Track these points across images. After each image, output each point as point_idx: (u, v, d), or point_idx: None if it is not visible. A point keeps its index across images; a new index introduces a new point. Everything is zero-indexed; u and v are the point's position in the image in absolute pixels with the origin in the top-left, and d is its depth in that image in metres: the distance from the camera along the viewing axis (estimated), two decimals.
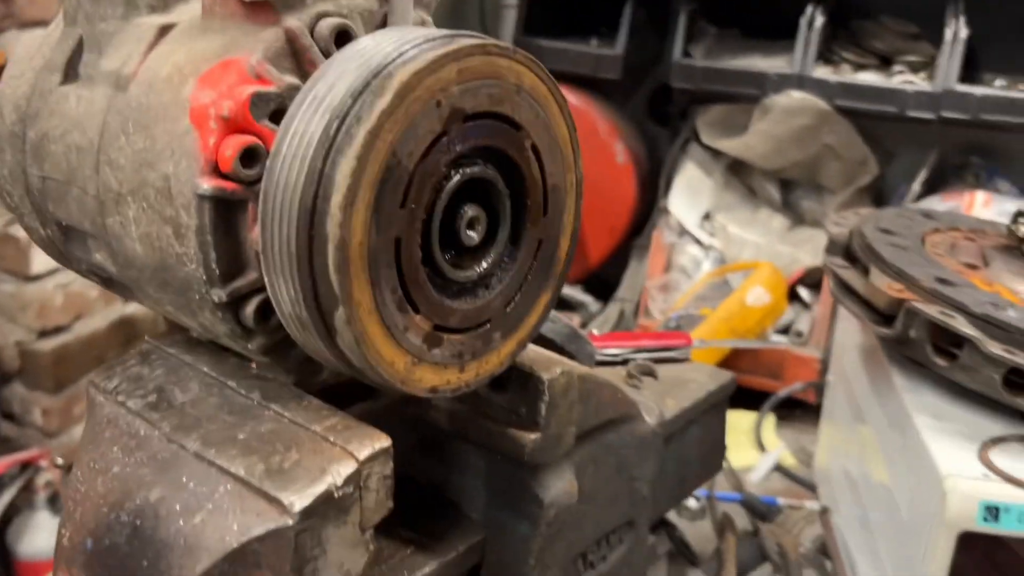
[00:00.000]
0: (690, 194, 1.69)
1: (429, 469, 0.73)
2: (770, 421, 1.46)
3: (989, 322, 0.80)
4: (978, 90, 1.51)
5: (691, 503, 1.21)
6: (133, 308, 2.61)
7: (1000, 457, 0.78)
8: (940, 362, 0.84)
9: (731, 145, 1.65)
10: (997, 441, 0.80)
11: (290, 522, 0.47)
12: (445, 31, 0.51)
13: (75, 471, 0.57)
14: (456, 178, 0.52)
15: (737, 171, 1.75)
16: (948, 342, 0.83)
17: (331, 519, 0.49)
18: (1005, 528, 0.75)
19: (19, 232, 2.22)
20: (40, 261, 2.29)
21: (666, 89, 1.86)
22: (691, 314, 1.42)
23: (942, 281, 0.86)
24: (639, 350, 1.05)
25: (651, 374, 1.00)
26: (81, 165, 0.58)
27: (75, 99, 0.59)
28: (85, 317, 2.44)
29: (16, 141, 0.63)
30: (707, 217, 1.70)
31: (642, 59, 1.77)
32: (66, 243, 0.64)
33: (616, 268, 1.79)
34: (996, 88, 1.58)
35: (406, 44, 0.49)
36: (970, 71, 1.58)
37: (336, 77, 0.48)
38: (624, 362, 1.02)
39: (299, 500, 0.48)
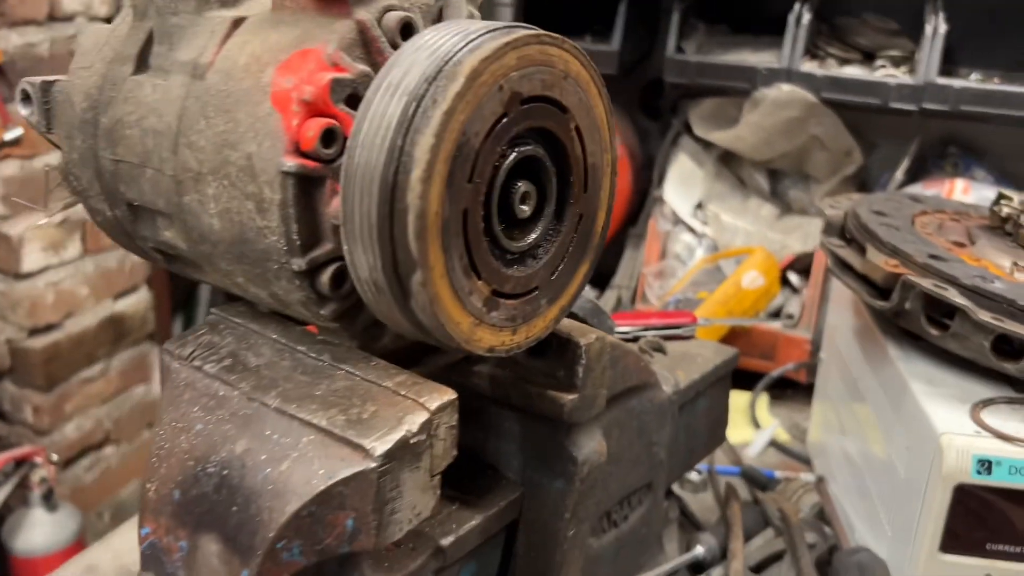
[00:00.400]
0: (683, 184, 1.75)
1: (468, 435, 0.78)
2: (763, 400, 1.53)
3: (978, 293, 0.87)
4: (957, 83, 1.58)
5: (693, 476, 1.27)
6: (122, 306, 2.63)
7: (990, 417, 0.85)
8: (933, 332, 0.90)
9: (723, 137, 1.72)
10: (987, 403, 0.87)
11: (373, 465, 0.53)
12: (501, 23, 0.57)
13: (157, 431, 0.62)
14: (512, 156, 0.57)
15: (727, 162, 1.82)
16: (940, 313, 0.90)
17: (407, 464, 0.54)
18: (996, 480, 0.81)
19: (10, 230, 2.24)
20: (31, 259, 2.31)
21: (656, 84, 1.93)
22: (688, 298, 1.49)
23: (934, 257, 0.93)
24: (648, 328, 1.11)
25: (661, 350, 1.05)
26: (158, 147, 0.62)
27: (150, 87, 0.63)
28: (76, 315, 2.46)
29: (87, 127, 0.68)
30: (700, 206, 1.76)
31: (635, 55, 1.83)
32: (134, 223, 0.69)
33: (610, 257, 1.85)
34: (972, 81, 1.66)
35: (471, 34, 0.54)
36: (946, 65, 1.66)
37: (409, 65, 0.53)
38: (635, 339, 1.08)
39: (380, 445, 0.53)
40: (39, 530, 2.26)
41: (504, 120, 0.55)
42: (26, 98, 0.71)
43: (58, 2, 2.26)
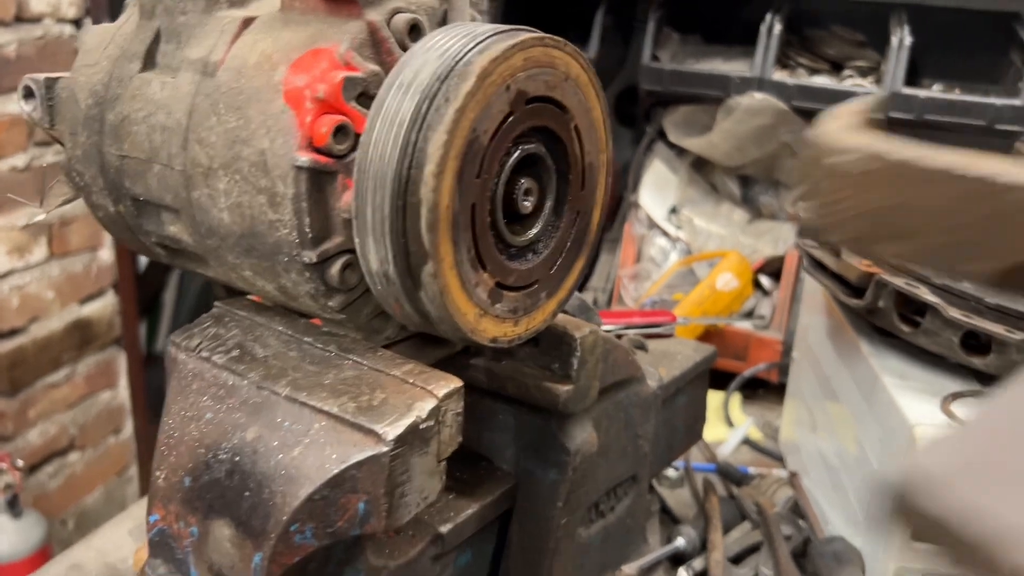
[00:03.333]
0: (657, 190, 1.79)
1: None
2: (736, 399, 1.57)
3: (948, 291, 0.91)
4: (921, 93, 1.64)
5: (670, 473, 1.30)
6: (88, 311, 2.60)
7: (960, 409, 0.89)
8: (905, 328, 0.94)
9: (696, 143, 1.76)
10: (956, 396, 0.91)
11: (385, 449, 0.54)
12: (506, 26, 0.59)
13: (165, 420, 0.63)
14: (516, 153, 0.59)
15: (700, 168, 1.86)
16: (912, 310, 0.94)
17: (416, 449, 0.56)
18: None
19: None
20: None
21: (631, 91, 1.96)
22: (664, 299, 1.52)
23: None
24: (630, 326, 1.14)
25: (642, 347, 1.08)
26: (167, 143, 0.64)
27: (158, 84, 0.65)
28: (41, 319, 2.43)
29: (93, 124, 0.69)
30: (674, 211, 1.80)
31: (610, 63, 1.87)
32: (138, 218, 0.70)
33: None
34: (935, 92, 1.72)
35: (479, 36, 0.56)
36: (910, 76, 1.71)
37: (421, 64, 0.55)
38: (617, 337, 1.11)
39: (392, 430, 0.55)
40: (3, 537, 2.23)
41: (510, 119, 0.57)
42: (29, 94, 0.72)
43: (25, 3, 2.24)
